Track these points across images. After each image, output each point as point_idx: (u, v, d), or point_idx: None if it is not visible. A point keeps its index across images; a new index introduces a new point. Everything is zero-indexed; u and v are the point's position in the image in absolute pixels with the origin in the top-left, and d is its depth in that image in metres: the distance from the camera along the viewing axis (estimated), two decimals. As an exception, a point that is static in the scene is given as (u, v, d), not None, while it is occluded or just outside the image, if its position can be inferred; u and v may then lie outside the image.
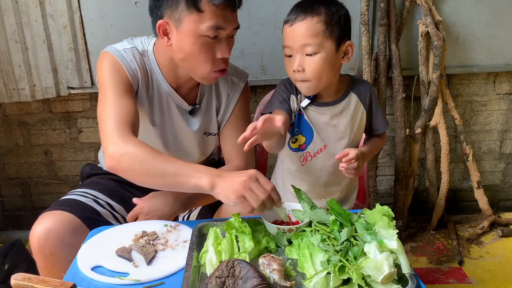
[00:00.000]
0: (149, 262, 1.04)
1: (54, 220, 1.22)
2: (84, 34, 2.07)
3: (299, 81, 1.29)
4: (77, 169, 2.39)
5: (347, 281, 0.92)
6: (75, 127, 2.32)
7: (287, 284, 0.93)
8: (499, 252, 2.21)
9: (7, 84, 2.08)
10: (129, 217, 1.32)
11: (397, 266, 0.92)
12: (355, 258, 0.92)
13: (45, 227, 1.20)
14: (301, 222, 1.10)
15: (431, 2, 2.07)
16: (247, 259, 0.99)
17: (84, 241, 1.15)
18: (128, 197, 1.39)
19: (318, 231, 1.02)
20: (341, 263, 0.91)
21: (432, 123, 2.22)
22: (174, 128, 1.41)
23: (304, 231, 1.07)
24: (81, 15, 2.04)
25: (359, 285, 0.90)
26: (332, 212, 1.04)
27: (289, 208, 1.17)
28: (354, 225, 1.00)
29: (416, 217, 2.47)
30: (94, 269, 1.02)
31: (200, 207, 1.48)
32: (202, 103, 1.42)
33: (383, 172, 2.48)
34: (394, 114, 2.22)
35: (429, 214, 2.42)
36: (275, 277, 0.94)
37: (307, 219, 1.09)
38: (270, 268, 0.95)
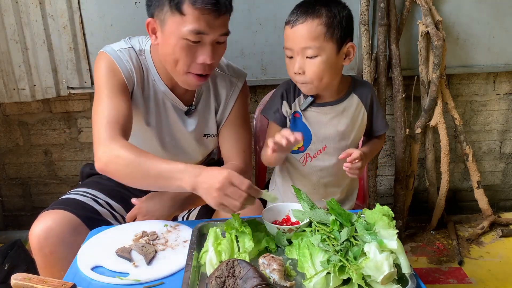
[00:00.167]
0: (149, 262, 1.04)
1: (53, 219, 1.22)
2: (84, 34, 2.07)
3: (300, 82, 1.29)
4: (77, 169, 2.39)
5: (347, 281, 0.92)
6: (75, 127, 2.32)
7: (287, 284, 0.93)
8: (499, 252, 2.21)
9: (7, 84, 2.08)
10: (128, 218, 1.32)
11: (397, 266, 0.92)
12: (355, 258, 0.92)
13: (44, 226, 1.20)
14: (301, 222, 1.10)
15: (431, 2, 2.07)
16: (247, 259, 0.99)
17: (83, 240, 1.15)
18: (127, 197, 1.39)
19: (318, 231, 1.02)
20: (341, 263, 0.91)
21: (432, 123, 2.22)
22: (171, 128, 1.40)
23: (304, 231, 1.07)
24: (81, 15, 2.04)
25: (359, 285, 0.90)
26: (332, 212, 1.04)
27: (289, 208, 1.17)
28: (354, 225, 1.00)
29: (416, 217, 2.47)
30: (94, 269, 1.02)
31: (199, 206, 1.47)
32: (199, 104, 1.42)
33: (383, 172, 2.48)
34: (394, 114, 2.22)
35: (429, 214, 2.42)
36: (275, 277, 0.94)
37: (307, 219, 1.09)
38: (270, 268, 0.95)
